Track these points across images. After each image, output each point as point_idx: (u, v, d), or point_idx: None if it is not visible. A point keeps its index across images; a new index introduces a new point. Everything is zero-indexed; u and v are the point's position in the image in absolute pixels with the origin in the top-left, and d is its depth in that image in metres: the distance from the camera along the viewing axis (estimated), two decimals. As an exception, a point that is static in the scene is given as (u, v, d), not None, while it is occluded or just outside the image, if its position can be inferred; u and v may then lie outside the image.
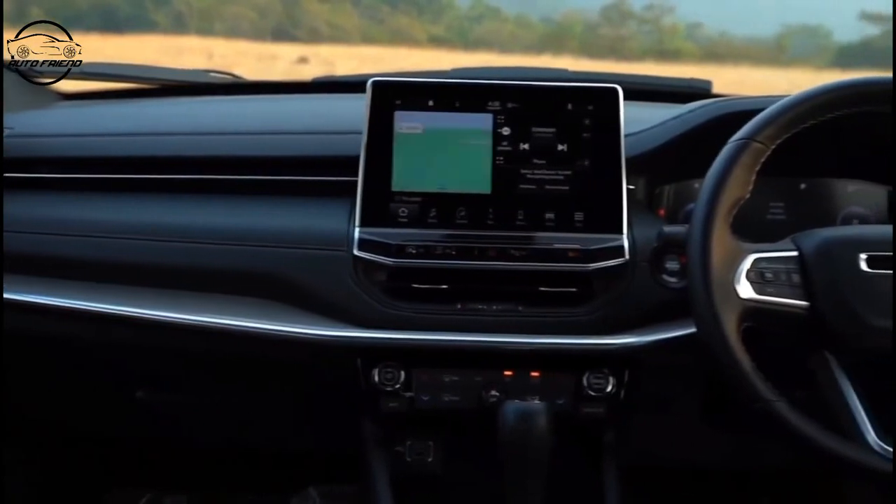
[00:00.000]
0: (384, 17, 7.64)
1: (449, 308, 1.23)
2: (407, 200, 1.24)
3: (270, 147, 1.37)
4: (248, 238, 1.26)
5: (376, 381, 1.25)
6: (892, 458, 1.01)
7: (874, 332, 1.03)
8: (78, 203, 1.33)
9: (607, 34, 6.73)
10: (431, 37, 7.17)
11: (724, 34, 6.46)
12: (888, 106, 1.09)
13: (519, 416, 1.13)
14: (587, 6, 6.99)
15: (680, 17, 6.63)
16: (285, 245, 1.25)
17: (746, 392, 1.02)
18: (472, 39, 7.18)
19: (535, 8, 7.25)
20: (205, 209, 1.31)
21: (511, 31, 7.13)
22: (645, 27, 6.79)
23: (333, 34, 7.04)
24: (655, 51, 6.47)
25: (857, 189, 1.40)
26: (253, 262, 1.26)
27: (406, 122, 1.26)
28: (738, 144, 1.08)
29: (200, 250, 1.27)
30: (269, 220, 1.29)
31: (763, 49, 6.02)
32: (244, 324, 1.23)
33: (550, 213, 1.24)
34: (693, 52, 6.25)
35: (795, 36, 6.03)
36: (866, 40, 5.79)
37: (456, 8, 7.76)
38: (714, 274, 1.03)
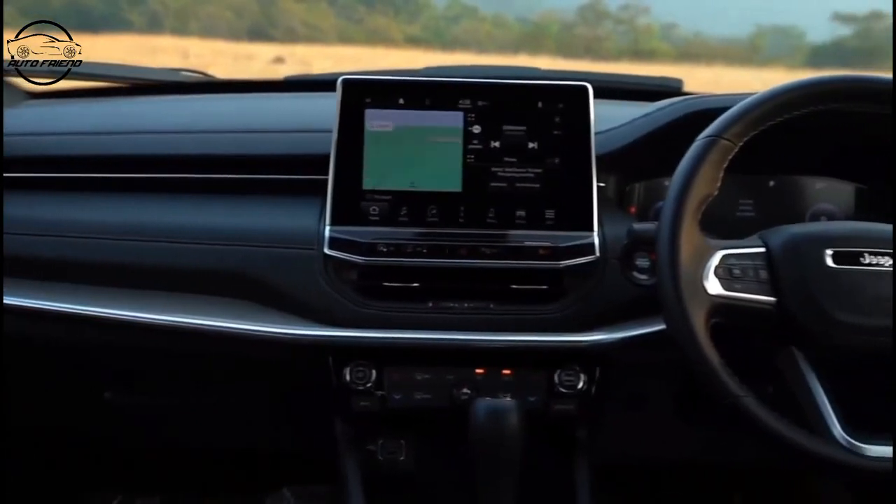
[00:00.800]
0: (361, 16, 7.63)
1: (420, 306, 1.23)
2: (378, 199, 1.24)
3: (241, 146, 1.37)
4: (219, 237, 1.26)
5: (348, 380, 1.24)
6: (854, 451, 1.02)
7: (840, 327, 1.04)
8: (44, 202, 1.31)
9: (583, 34, 6.75)
10: (408, 37, 7.17)
11: (698, 34, 6.51)
12: (853, 103, 1.11)
13: (490, 414, 1.13)
14: (563, 6, 7.01)
15: (655, 18, 6.67)
16: (256, 244, 1.25)
17: (715, 388, 1.03)
18: (448, 39, 7.19)
19: (511, 8, 7.26)
20: (175, 208, 1.30)
21: (488, 30, 7.14)
22: (620, 27, 6.82)
23: (310, 34, 7.01)
24: (631, 51, 6.50)
25: (825, 186, 1.42)
26: (224, 262, 1.25)
27: (376, 120, 1.26)
28: (706, 142, 1.08)
29: (171, 249, 1.26)
30: (239, 219, 1.28)
31: (737, 49, 6.07)
32: (214, 323, 1.22)
33: (521, 210, 1.25)
34: (668, 52, 6.29)
35: (769, 36, 6.08)
36: (838, 40, 5.86)
37: (432, 8, 7.76)
38: (683, 271, 1.04)
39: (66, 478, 1.84)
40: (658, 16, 6.67)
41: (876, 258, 1.06)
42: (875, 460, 1.01)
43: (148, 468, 1.83)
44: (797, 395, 1.07)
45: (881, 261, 1.06)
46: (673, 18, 6.74)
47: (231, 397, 1.42)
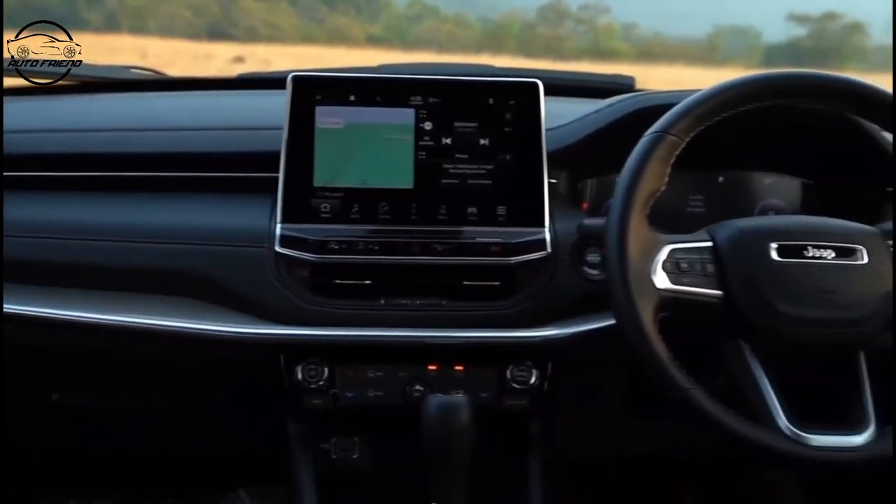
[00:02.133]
0: (322, 16, 7.59)
1: (372, 303, 1.23)
2: (329, 196, 1.23)
3: (192, 143, 1.35)
4: (169, 236, 1.24)
5: (300, 379, 1.24)
6: (798, 441, 1.03)
7: (784, 319, 1.05)
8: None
9: (544, 34, 6.78)
10: (370, 36, 7.15)
11: (657, 34, 6.56)
12: (796, 99, 1.12)
13: (441, 410, 1.13)
14: (524, 6, 7.04)
15: (615, 18, 6.71)
16: (206, 242, 1.24)
17: (663, 381, 1.04)
18: (410, 39, 7.18)
19: (473, 7, 7.27)
20: (123, 206, 1.29)
21: (449, 30, 7.14)
22: (581, 27, 6.86)
23: (270, 33, 6.97)
24: (592, 50, 6.54)
25: (773, 181, 1.44)
26: (173, 260, 1.24)
27: (327, 116, 1.25)
28: (652, 137, 1.09)
29: (119, 249, 1.24)
30: (189, 218, 1.27)
31: (696, 49, 6.14)
32: (163, 323, 1.21)
33: (473, 207, 1.25)
34: (628, 51, 6.34)
35: (726, 36, 6.16)
36: (793, 40, 5.95)
37: (394, 7, 7.75)
38: (631, 265, 1.05)
39: (18, 483, 1.81)
40: (618, 16, 6.72)
41: (819, 251, 1.08)
42: (819, 450, 1.03)
43: (103, 470, 1.80)
44: (743, 386, 1.08)
45: (824, 253, 1.08)
46: (633, 18, 6.79)
47: (183, 397, 1.41)
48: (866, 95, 1.11)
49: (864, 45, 5.77)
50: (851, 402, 1.07)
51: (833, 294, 1.06)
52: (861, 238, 1.10)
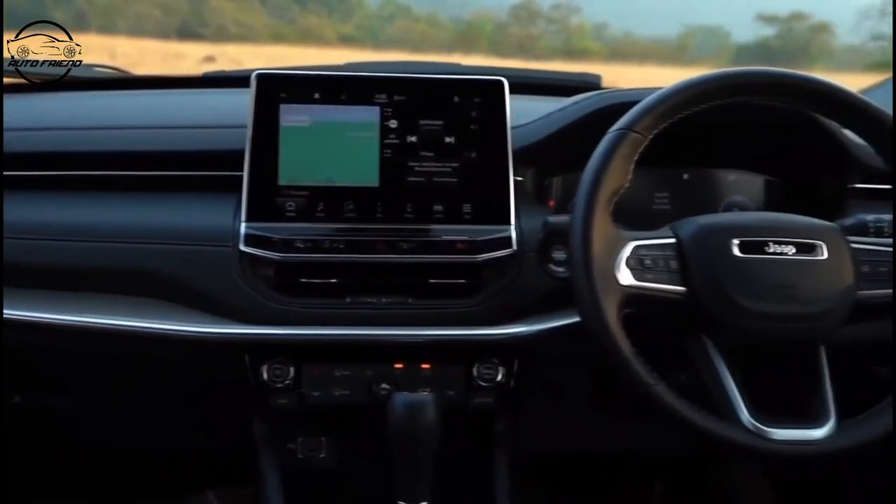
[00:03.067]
0: (294, 16, 7.55)
1: (338, 302, 1.22)
2: (294, 194, 1.23)
3: (156, 142, 1.34)
4: (132, 235, 1.23)
5: (265, 379, 1.23)
6: (760, 435, 1.04)
7: (746, 314, 1.06)
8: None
9: (517, 33, 6.80)
10: (342, 36, 7.13)
11: (628, 34, 6.60)
12: (757, 97, 1.13)
13: (407, 408, 1.13)
14: (496, 5, 7.05)
15: (587, 17, 6.75)
16: (169, 242, 1.23)
17: (627, 377, 1.04)
18: (382, 39, 7.16)
19: (445, 7, 7.27)
20: (85, 206, 1.27)
21: (422, 30, 7.13)
22: (553, 27, 6.88)
23: (241, 33, 6.92)
24: (563, 50, 6.56)
25: (737, 178, 1.45)
26: (137, 260, 1.23)
27: (292, 115, 1.25)
28: (616, 135, 1.10)
29: (81, 248, 1.23)
30: (153, 217, 1.26)
31: (666, 48, 6.18)
32: (126, 323, 1.20)
33: (439, 205, 1.25)
34: (599, 51, 6.37)
35: (696, 36, 6.21)
36: (762, 40, 6.01)
37: (366, 7, 7.73)
38: (595, 262, 1.05)
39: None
40: (589, 15, 6.75)
41: (780, 247, 1.09)
42: (779, 444, 1.04)
43: (68, 473, 1.78)
44: (706, 381, 1.08)
45: (784, 249, 1.09)
46: (604, 18, 6.83)
47: (148, 399, 1.40)
48: (824, 93, 1.12)
49: (831, 44, 5.85)
50: (812, 397, 1.08)
51: (793, 289, 1.07)
52: (821, 234, 1.11)
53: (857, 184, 1.39)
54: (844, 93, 1.13)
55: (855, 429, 1.06)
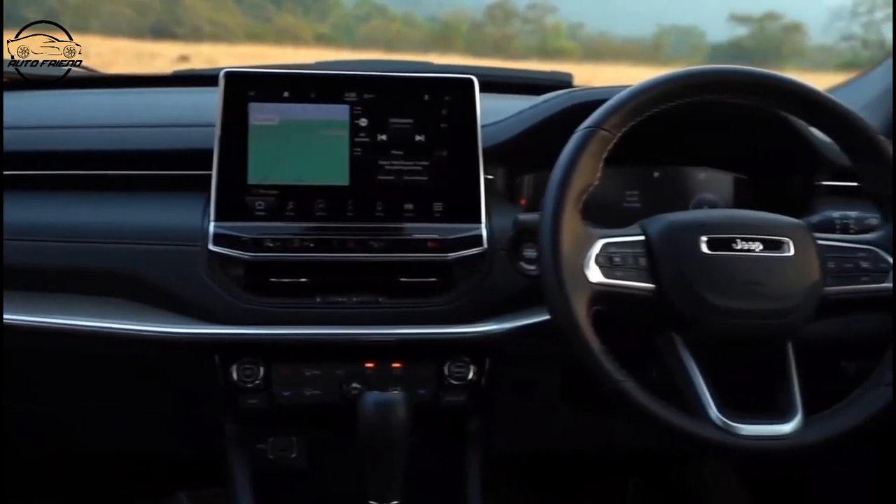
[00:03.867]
0: (269, 15, 7.51)
1: (308, 301, 1.22)
2: (263, 193, 1.22)
3: (123, 141, 1.33)
4: (99, 235, 1.22)
5: (235, 379, 1.22)
6: (728, 431, 1.04)
7: (714, 311, 1.07)
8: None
9: (492, 33, 6.81)
10: (318, 35, 7.09)
11: (604, 34, 6.63)
12: (724, 94, 1.14)
13: (377, 407, 1.13)
14: (472, 5, 7.05)
15: (562, 17, 6.76)
16: (138, 241, 1.22)
17: (596, 374, 1.05)
18: (358, 38, 7.14)
19: (420, 7, 7.26)
20: (52, 205, 1.26)
21: (398, 29, 7.11)
22: (528, 26, 6.90)
23: (216, 32, 6.87)
24: (539, 50, 6.58)
25: (707, 176, 1.46)
26: (105, 261, 1.22)
27: (260, 113, 1.24)
28: (585, 133, 1.10)
29: (48, 249, 1.22)
30: (121, 217, 1.25)
31: (641, 48, 6.21)
32: (95, 324, 1.19)
33: (409, 203, 1.25)
34: (575, 51, 6.39)
35: (671, 36, 6.24)
36: (736, 40, 6.07)
37: (342, 6, 7.70)
38: (564, 259, 1.05)
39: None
40: (565, 15, 6.77)
41: (747, 244, 1.09)
42: (748, 439, 1.04)
43: (36, 476, 1.76)
44: (675, 378, 1.09)
45: (752, 246, 1.09)
46: (579, 18, 6.85)
47: (118, 400, 1.38)
48: (790, 91, 1.13)
49: (803, 44, 5.91)
50: (779, 392, 1.09)
51: (761, 286, 1.08)
52: (788, 231, 1.12)
53: (825, 181, 1.40)
54: (811, 91, 1.14)
55: (822, 424, 1.07)
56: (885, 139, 1.14)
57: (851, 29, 4.99)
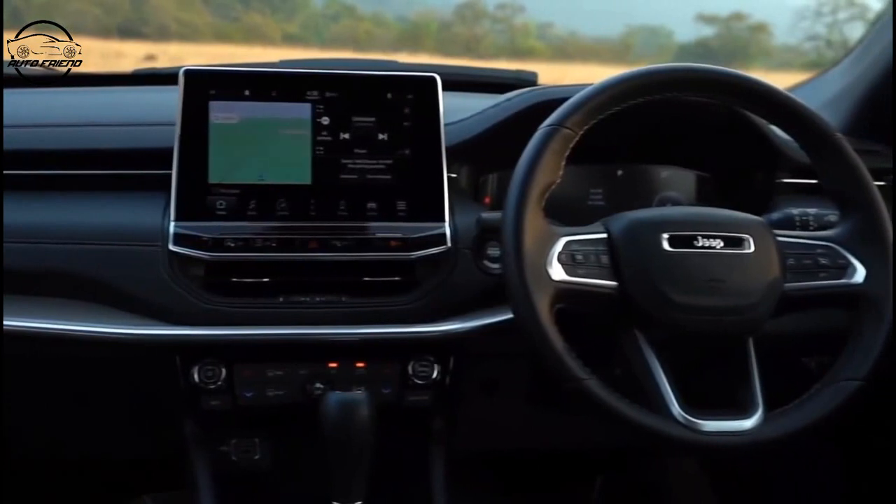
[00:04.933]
0: (237, 14, 7.45)
1: (270, 301, 1.21)
2: (224, 193, 1.21)
3: (82, 140, 1.31)
4: (58, 236, 1.20)
5: (196, 380, 1.21)
6: (691, 427, 1.05)
7: (676, 308, 1.07)
8: None
9: (462, 33, 6.79)
10: (286, 35, 7.04)
11: (573, 33, 6.63)
12: (686, 92, 1.15)
13: (340, 407, 1.12)
14: (442, 4, 7.03)
15: (531, 17, 6.76)
16: (96, 242, 1.20)
17: (559, 372, 1.05)
18: (327, 38, 7.10)
19: (390, 6, 7.23)
20: (9, 206, 1.23)
21: (367, 29, 7.08)
22: (498, 26, 6.89)
23: (183, 32, 6.80)
24: (509, 49, 6.57)
25: (670, 174, 1.47)
26: (63, 261, 1.20)
27: (221, 112, 1.23)
28: (547, 131, 1.10)
29: (6, 250, 1.19)
30: (79, 217, 1.23)
31: (609, 48, 6.22)
32: (54, 326, 1.17)
33: (372, 202, 1.24)
34: (544, 50, 6.39)
35: (639, 35, 6.26)
36: (702, 40, 6.10)
37: (311, 6, 7.65)
38: (527, 257, 1.05)
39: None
40: (534, 15, 6.77)
41: (708, 241, 1.10)
42: (710, 435, 1.05)
43: None
44: (639, 375, 1.09)
45: (713, 243, 1.10)
46: (549, 18, 6.85)
47: (78, 404, 1.36)
48: (748, 89, 1.14)
49: (769, 44, 5.96)
50: (741, 388, 1.10)
51: (722, 283, 1.09)
52: (748, 228, 1.12)
53: (786, 179, 1.41)
54: (769, 89, 1.14)
55: (781, 419, 1.08)
56: (842, 136, 1.15)
57: (815, 29, 5.04)
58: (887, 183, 1.42)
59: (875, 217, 1.14)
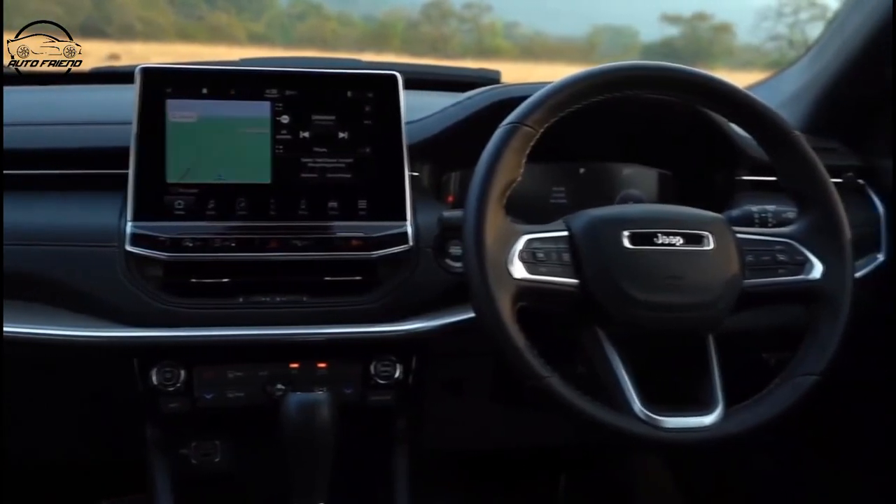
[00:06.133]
0: (202, 13, 7.37)
1: (230, 302, 1.20)
2: (183, 192, 1.20)
3: (39, 139, 1.29)
4: (13, 237, 1.18)
5: (155, 383, 1.19)
6: (652, 424, 1.05)
7: (637, 305, 1.07)
8: None
9: (429, 32, 6.79)
10: (252, 34, 6.99)
11: (539, 33, 6.66)
12: (646, 90, 1.15)
13: (301, 408, 1.11)
14: (409, 4, 7.03)
15: (498, 16, 6.78)
16: (52, 243, 1.18)
17: (521, 370, 1.04)
18: (294, 37, 7.05)
19: (356, 5, 7.21)
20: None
21: (333, 28, 7.05)
22: (465, 25, 6.90)
23: (147, 31, 6.72)
24: (475, 49, 6.59)
25: (632, 172, 1.47)
26: (18, 263, 1.17)
27: (178, 110, 1.21)
28: (507, 129, 1.09)
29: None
30: (35, 217, 1.21)
31: (575, 47, 6.26)
32: (7, 329, 1.14)
33: (333, 201, 1.23)
34: (511, 50, 6.42)
35: (605, 35, 6.31)
36: (667, 39, 6.17)
37: (277, 5, 7.60)
38: (488, 255, 1.04)
39: None
40: (501, 14, 6.79)
41: (668, 238, 1.10)
42: (671, 432, 1.05)
43: None
44: (600, 372, 1.09)
45: (673, 240, 1.10)
46: (515, 17, 6.88)
47: (34, 408, 1.34)
48: (707, 87, 1.14)
49: (732, 44, 6.04)
50: (701, 385, 1.10)
51: (682, 280, 1.09)
52: (708, 225, 1.13)
53: (746, 176, 1.42)
54: (727, 87, 1.15)
55: (741, 415, 1.08)
56: (800, 134, 1.16)
57: (777, 29, 5.12)
58: (845, 180, 1.44)
59: (831, 214, 1.15)
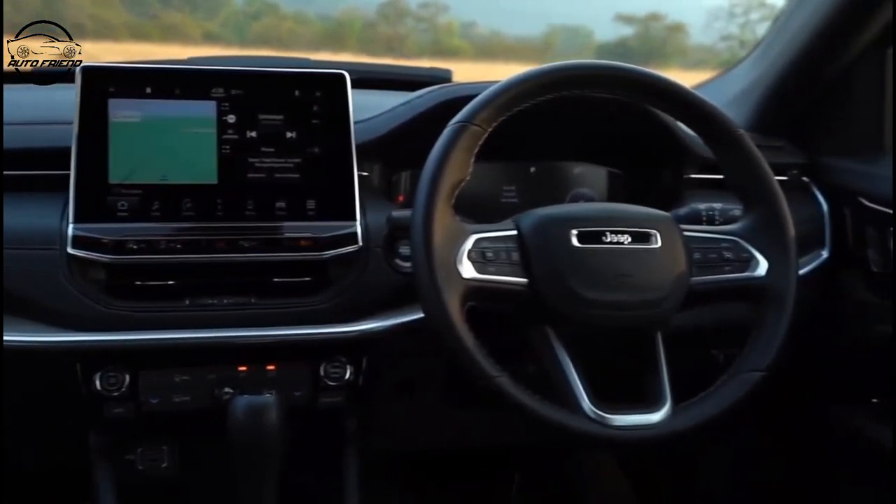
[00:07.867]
0: (155, 12, 7.28)
1: (176, 304, 1.18)
2: (126, 193, 1.17)
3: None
4: None
5: (98, 388, 1.17)
6: (601, 422, 1.05)
7: (585, 303, 1.08)
8: None
9: (385, 32, 6.77)
10: (206, 33, 6.91)
11: (496, 33, 6.67)
12: (593, 89, 1.15)
13: (248, 411, 1.10)
14: (365, 3, 6.99)
15: (455, 16, 6.78)
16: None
17: (471, 370, 1.04)
18: (249, 37, 6.98)
19: (313, 4, 7.16)
20: None
21: (289, 27, 6.99)
22: (422, 25, 6.89)
23: (99, 29, 6.62)
24: (432, 48, 6.58)
25: (582, 171, 1.48)
26: None
27: (121, 110, 1.19)
28: (455, 128, 1.09)
29: None
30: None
31: (532, 47, 6.28)
32: None
33: (281, 201, 1.22)
34: (468, 49, 6.41)
35: (560, 35, 6.33)
36: (621, 39, 6.21)
37: (232, 4, 7.52)
38: (436, 255, 1.04)
39: None
40: (457, 14, 6.78)
41: (616, 236, 1.11)
42: (619, 429, 1.06)
43: None
44: (550, 371, 1.09)
45: (621, 239, 1.11)
46: (472, 17, 6.88)
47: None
48: (653, 86, 1.15)
49: (685, 44, 6.10)
50: (650, 382, 1.11)
51: (630, 277, 1.10)
52: (655, 223, 1.14)
53: (693, 174, 1.44)
54: (673, 86, 1.16)
55: (689, 412, 1.09)
56: (745, 133, 1.18)
57: (729, 29, 5.18)
58: (790, 178, 1.46)
59: (776, 211, 1.17)
